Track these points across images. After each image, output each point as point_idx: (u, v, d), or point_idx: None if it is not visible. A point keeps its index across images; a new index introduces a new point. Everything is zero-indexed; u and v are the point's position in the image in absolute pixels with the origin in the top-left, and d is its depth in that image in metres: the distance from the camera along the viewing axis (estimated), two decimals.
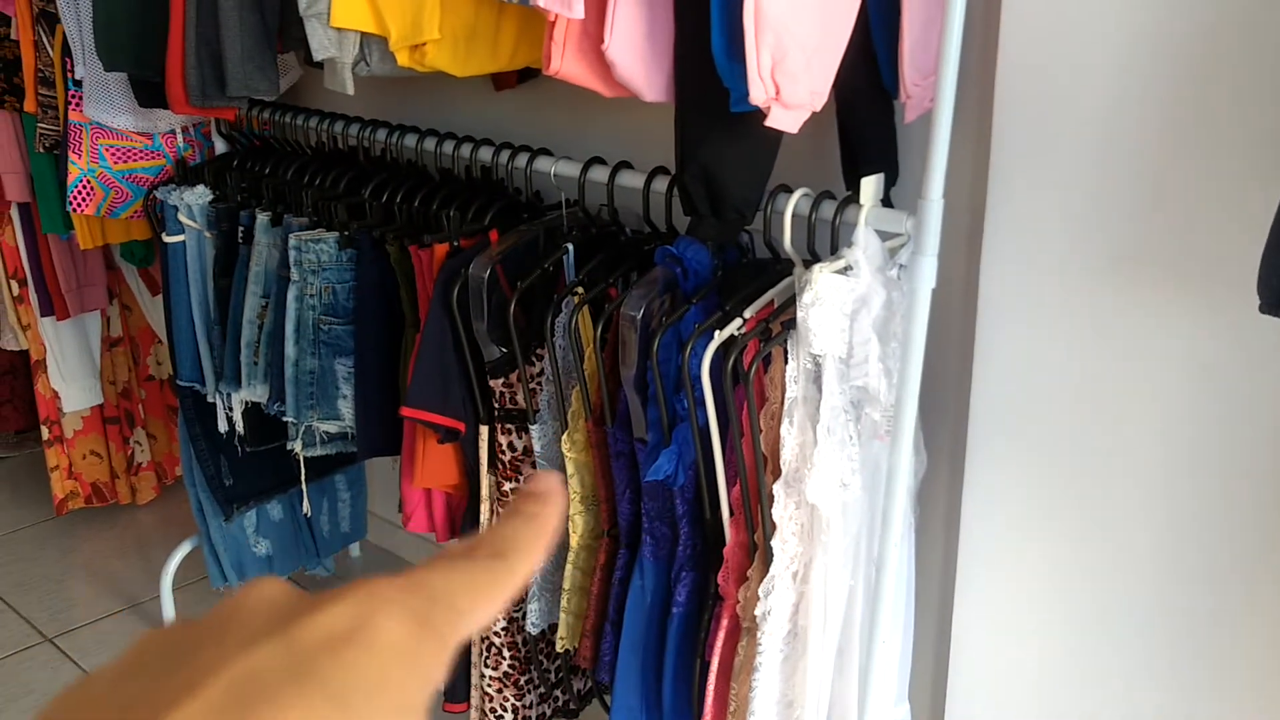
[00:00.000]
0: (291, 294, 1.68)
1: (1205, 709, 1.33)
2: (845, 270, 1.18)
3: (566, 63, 1.25)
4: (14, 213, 2.36)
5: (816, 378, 1.21)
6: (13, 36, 2.10)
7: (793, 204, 1.25)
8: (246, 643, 0.25)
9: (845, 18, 1.16)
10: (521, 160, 1.56)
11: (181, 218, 1.86)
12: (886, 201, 1.30)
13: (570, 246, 1.48)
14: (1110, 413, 1.32)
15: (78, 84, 2.01)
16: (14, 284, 2.46)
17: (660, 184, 1.40)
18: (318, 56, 1.46)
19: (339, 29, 1.44)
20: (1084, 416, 1.34)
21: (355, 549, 2.61)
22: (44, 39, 2.05)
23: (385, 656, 0.25)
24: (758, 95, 1.12)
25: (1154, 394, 1.28)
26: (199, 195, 1.85)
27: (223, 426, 1.95)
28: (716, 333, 1.23)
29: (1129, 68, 1.20)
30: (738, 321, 1.24)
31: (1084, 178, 1.26)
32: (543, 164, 1.54)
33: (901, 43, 1.21)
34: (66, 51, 1.99)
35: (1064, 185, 1.27)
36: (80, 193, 2.05)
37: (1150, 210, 1.23)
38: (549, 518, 0.31)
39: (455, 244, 1.53)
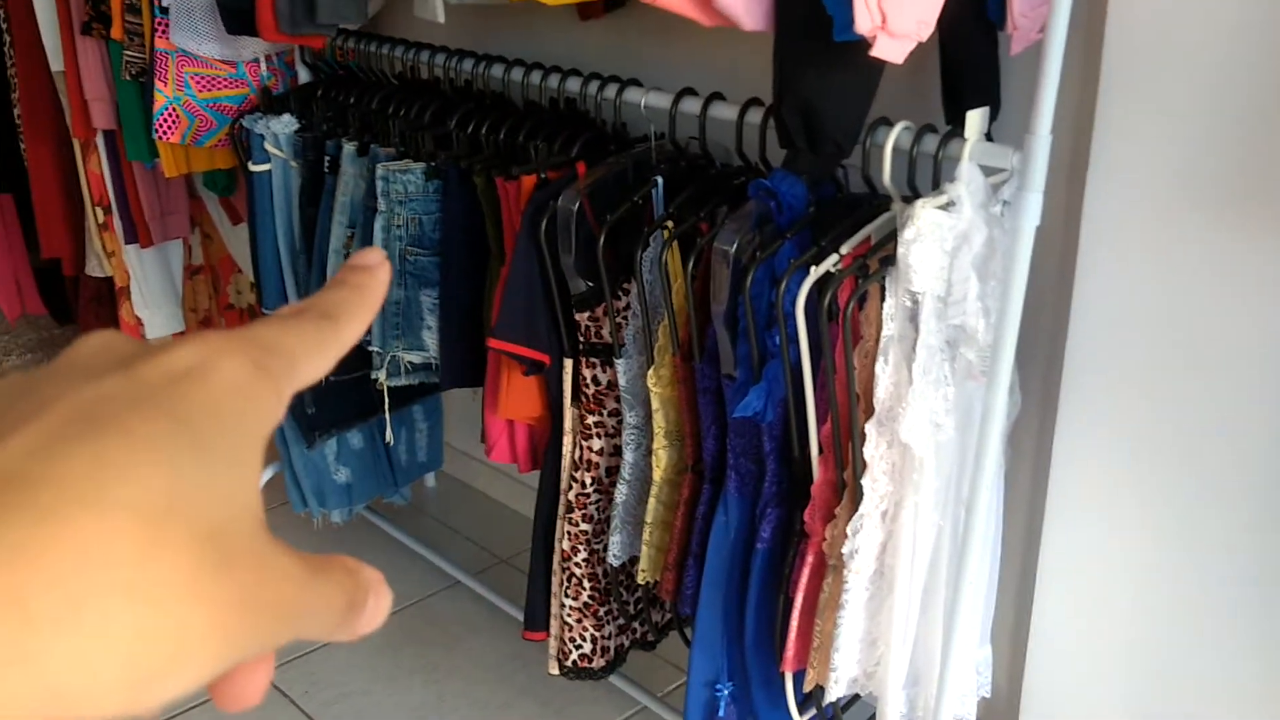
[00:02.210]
0: (378, 224, 1.68)
1: None
2: (947, 206, 1.16)
3: None
4: (100, 140, 2.38)
5: (913, 316, 1.19)
6: None
7: (894, 137, 1.22)
8: (90, 378, 0.25)
9: None
10: (610, 91, 1.54)
11: (268, 147, 1.86)
12: (987, 136, 1.27)
13: (660, 179, 1.46)
14: (1214, 361, 1.28)
15: (164, 11, 2.01)
16: (99, 211, 2.50)
17: (754, 116, 1.37)
18: None
19: None
20: (1186, 363, 1.31)
21: (431, 479, 2.65)
22: None
23: (225, 390, 0.26)
24: (863, 24, 1.09)
25: (1262, 342, 1.24)
26: (285, 124, 1.85)
27: None
28: (812, 268, 1.21)
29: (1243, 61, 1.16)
30: (834, 257, 1.22)
31: (1198, 111, 1.22)
32: (633, 95, 1.52)
33: None
34: None
35: (1177, 118, 1.23)
36: (166, 121, 2.07)
37: (1269, 146, 1.18)
38: (375, 287, 0.32)
39: (542, 176, 1.52)
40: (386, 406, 1.95)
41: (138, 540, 0.22)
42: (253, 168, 1.89)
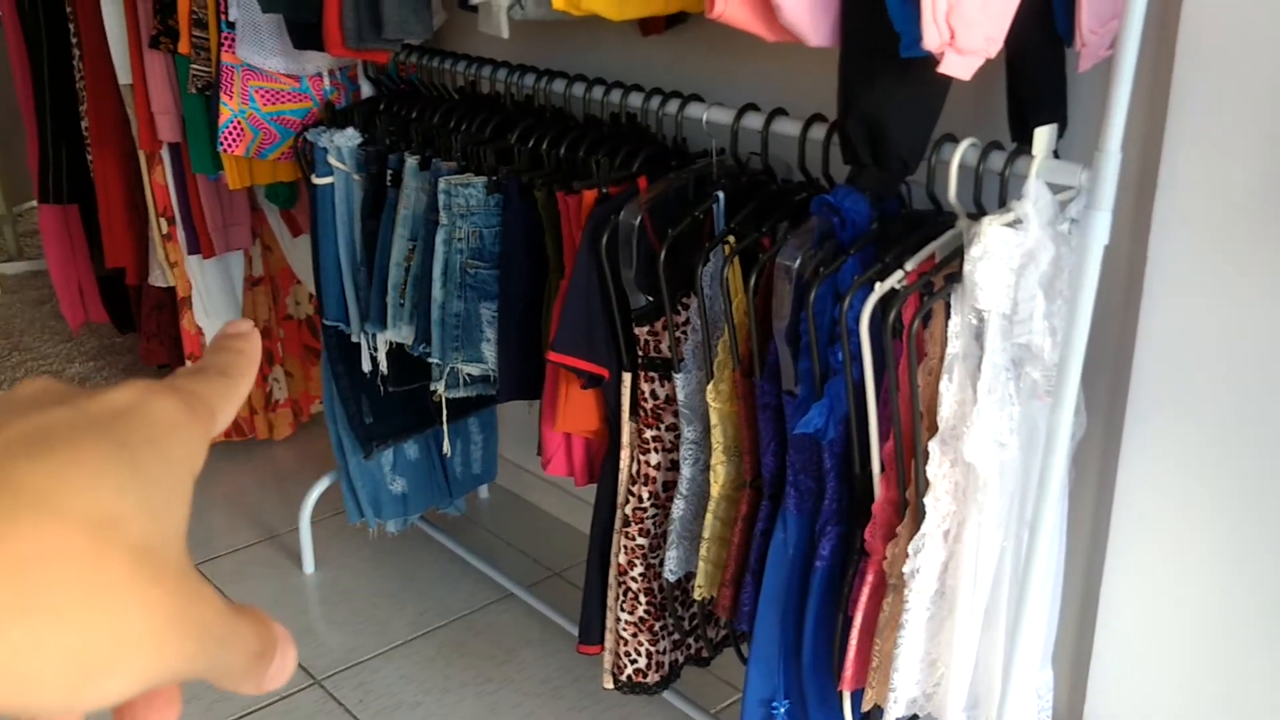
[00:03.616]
0: (439, 237, 1.70)
1: None
2: (1014, 224, 1.14)
3: (731, 6, 1.23)
4: (165, 153, 2.43)
5: (978, 334, 1.18)
6: None
7: (960, 154, 1.22)
8: (37, 409, 0.28)
9: None
10: (672, 107, 1.54)
11: (331, 160, 1.89)
12: (1055, 153, 1.26)
13: (721, 195, 1.46)
14: None
15: (231, 26, 2.05)
16: (163, 222, 2.54)
17: (816, 132, 1.37)
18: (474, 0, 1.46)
19: None
20: (1255, 384, 1.29)
21: (484, 491, 2.66)
22: None
23: (162, 425, 0.29)
24: (931, 40, 1.09)
25: None
26: (349, 138, 1.88)
27: (367, 366, 1.99)
28: (876, 285, 1.21)
29: None
30: (898, 274, 1.21)
31: (1271, 128, 1.20)
32: (694, 110, 1.52)
33: None
34: None
35: (1248, 136, 1.21)
36: (231, 133, 2.10)
37: None
38: (252, 351, 0.36)
39: (604, 191, 1.53)
40: (445, 418, 1.97)
41: (85, 545, 0.25)
42: (316, 181, 1.92)
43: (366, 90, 2.13)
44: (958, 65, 1.10)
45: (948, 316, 1.18)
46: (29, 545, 0.24)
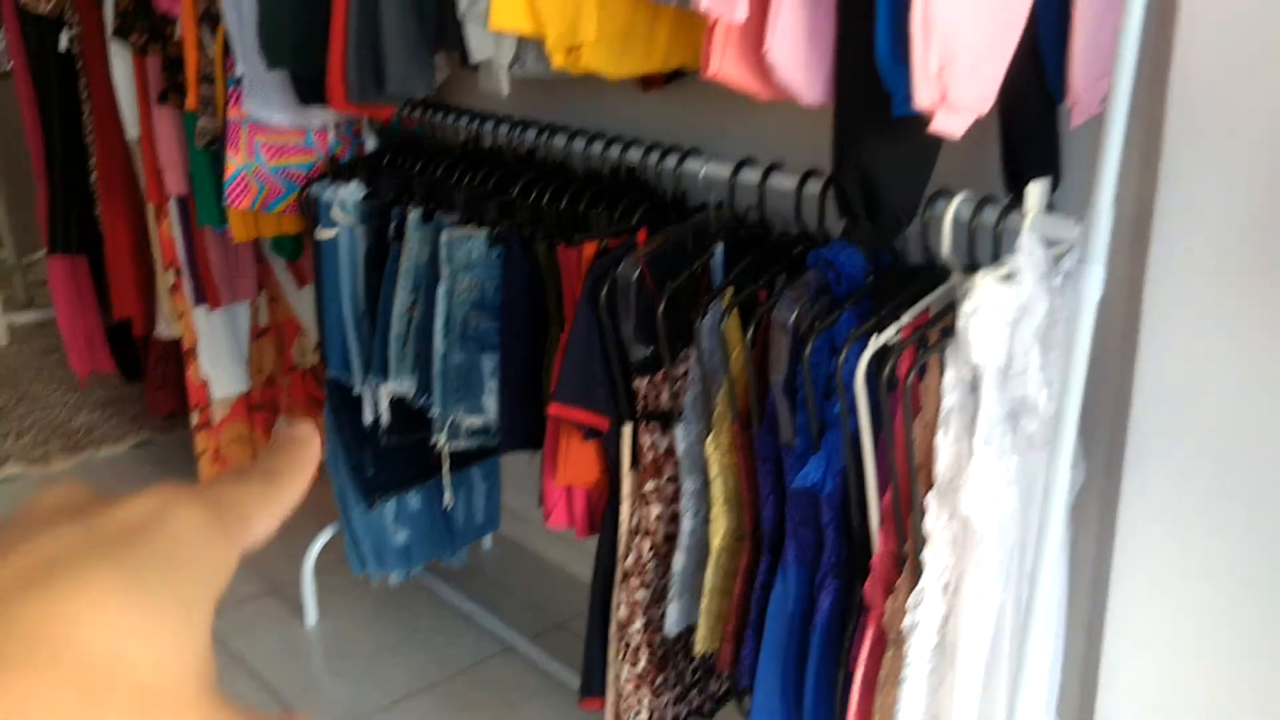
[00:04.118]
0: (441, 290, 1.71)
1: None
2: (1008, 278, 1.15)
3: (726, 65, 1.24)
4: (172, 205, 2.46)
5: (974, 387, 1.19)
6: (177, 37, 2.18)
7: (953, 209, 1.23)
8: (47, 528, 0.27)
9: (1016, 19, 1.14)
10: (670, 162, 1.56)
11: (335, 213, 1.91)
12: (1049, 206, 1.27)
13: (719, 248, 1.47)
14: None
15: (237, 82, 2.07)
16: (170, 273, 2.56)
17: (812, 187, 1.39)
18: (475, 58, 1.49)
19: (497, 31, 1.46)
20: (1253, 436, 1.29)
21: (488, 541, 2.66)
22: (207, 39, 2.13)
23: (179, 540, 0.27)
24: (923, 99, 1.10)
25: None
26: (353, 191, 1.90)
27: (368, 418, 2.00)
28: (872, 339, 1.22)
29: None
30: (893, 328, 1.22)
31: (1263, 183, 1.21)
32: (692, 165, 1.54)
33: (1071, 44, 1.17)
34: (228, 50, 2.07)
35: (1241, 190, 1.22)
36: (236, 187, 2.12)
37: None
38: (309, 455, 0.34)
39: (603, 244, 1.54)
40: (446, 470, 1.97)
41: (77, 701, 0.23)
42: (319, 234, 1.93)
43: (371, 144, 2.15)
44: (949, 123, 1.12)
45: (943, 370, 1.19)
46: (18, 699, 0.23)
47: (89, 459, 3.15)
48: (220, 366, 2.68)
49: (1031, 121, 1.28)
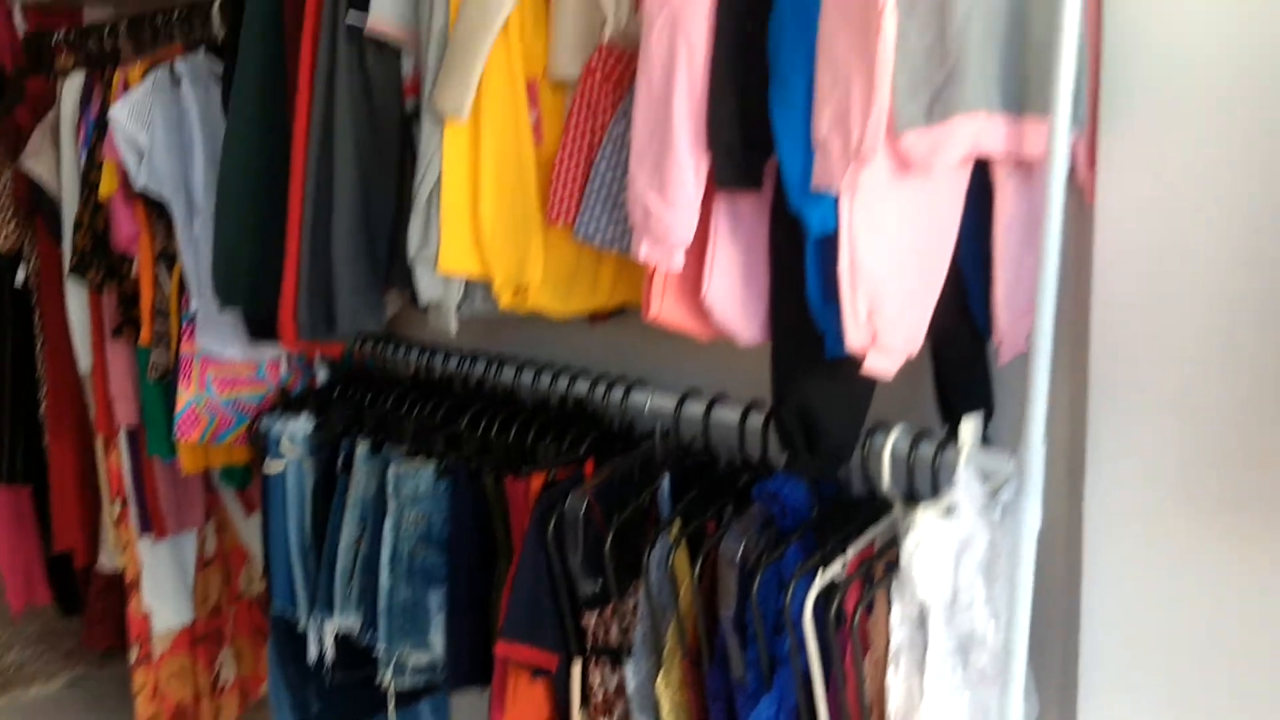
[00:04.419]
0: (388, 523, 1.70)
1: None
2: (947, 512, 1.17)
3: (666, 309, 1.29)
4: (122, 436, 2.45)
5: (921, 622, 1.18)
6: (134, 274, 2.23)
7: (891, 443, 1.25)
8: None
9: (939, 264, 1.19)
10: (617, 394, 1.59)
11: (284, 446, 1.91)
12: (984, 439, 1.30)
13: (666, 480, 1.48)
14: (1231, 655, 1.26)
15: (191, 317, 2.11)
16: (117, 504, 2.53)
17: (756, 419, 1.42)
18: (424, 300, 1.53)
19: (446, 274, 1.51)
20: (1205, 657, 1.28)
21: None
22: (163, 276, 2.17)
23: None
24: (854, 341, 1.14)
25: (1273, 642, 1.23)
26: (302, 424, 1.91)
27: (313, 654, 1.94)
28: (818, 574, 1.22)
29: (1226, 297, 1.20)
30: (839, 563, 1.22)
31: (1183, 413, 1.25)
32: (638, 397, 1.57)
33: (994, 286, 1.23)
34: (183, 287, 2.11)
35: (1168, 415, 1.26)
36: (187, 420, 2.13)
37: (1255, 449, 1.21)
38: None
39: (551, 476, 1.55)
40: (392, 709, 1.91)
41: None
42: (268, 467, 1.93)
43: (322, 375, 2.18)
44: (881, 364, 1.15)
45: (890, 605, 1.19)
46: None
47: (17, 698, 3.03)
48: (163, 598, 2.61)
49: (962, 357, 1.32)
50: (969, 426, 1.21)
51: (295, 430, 1.91)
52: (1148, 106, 1.22)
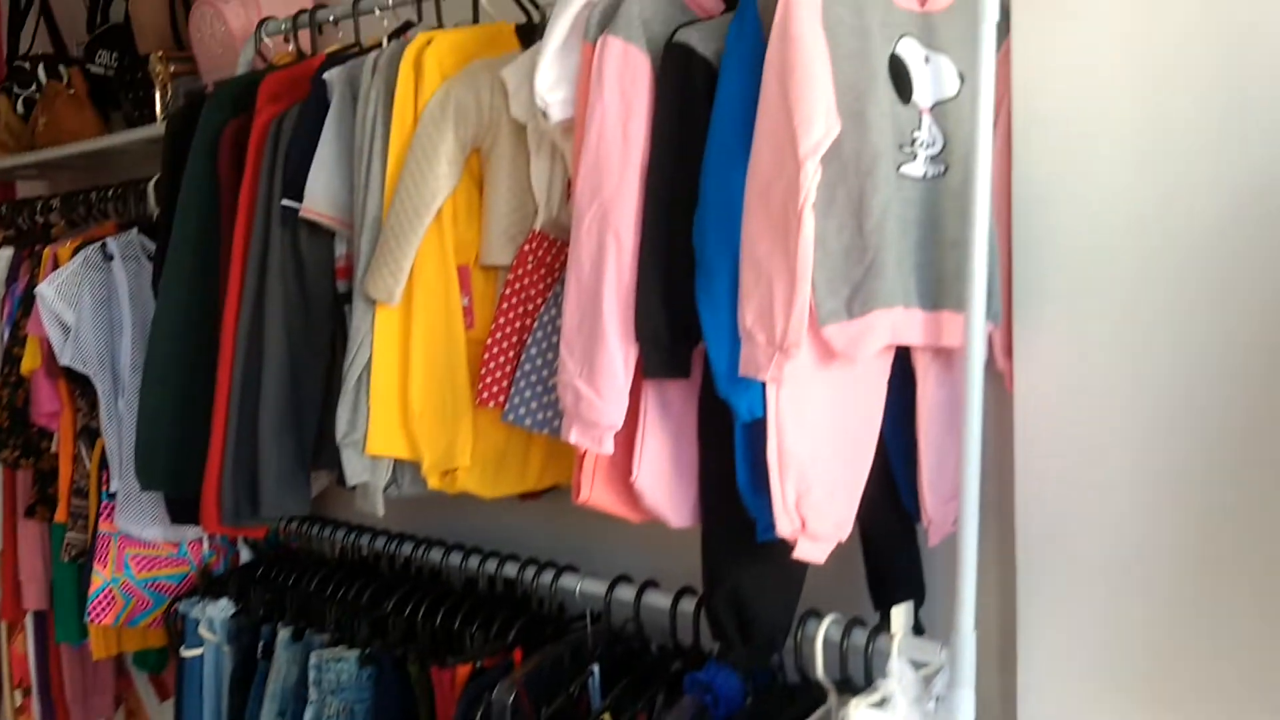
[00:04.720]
0: (309, 714, 1.64)
1: None
2: (881, 703, 1.15)
3: (596, 493, 1.29)
4: (29, 621, 2.35)
5: None
6: (53, 450, 2.18)
7: (823, 631, 1.25)
8: None
9: (865, 450, 1.21)
10: (547, 577, 1.57)
11: (202, 631, 1.85)
12: (917, 625, 1.30)
13: (596, 669, 1.45)
14: None
15: (111, 496, 2.06)
16: (18, 694, 2.41)
17: (687, 604, 1.40)
18: (351, 482, 1.50)
19: (374, 455, 1.49)
20: None
21: None
22: (83, 452, 2.13)
23: None
24: (784, 528, 1.14)
25: None
26: (221, 609, 1.85)
27: None
28: None
29: (1146, 473, 1.22)
30: None
31: (1110, 600, 1.26)
32: (568, 581, 1.55)
33: (920, 471, 1.25)
34: (103, 464, 2.06)
35: (1091, 610, 1.27)
36: (101, 602, 2.05)
37: (1183, 629, 1.21)
38: None
39: (478, 664, 1.51)
40: None
41: None
42: (184, 653, 1.86)
43: (245, 555, 2.12)
44: (811, 550, 1.15)
45: None
46: None
47: None
48: None
49: (892, 541, 1.33)
50: (900, 615, 1.21)
51: (214, 614, 1.85)
52: (1060, 296, 1.26)
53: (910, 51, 1.16)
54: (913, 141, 1.16)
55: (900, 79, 1.15)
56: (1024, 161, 1.25)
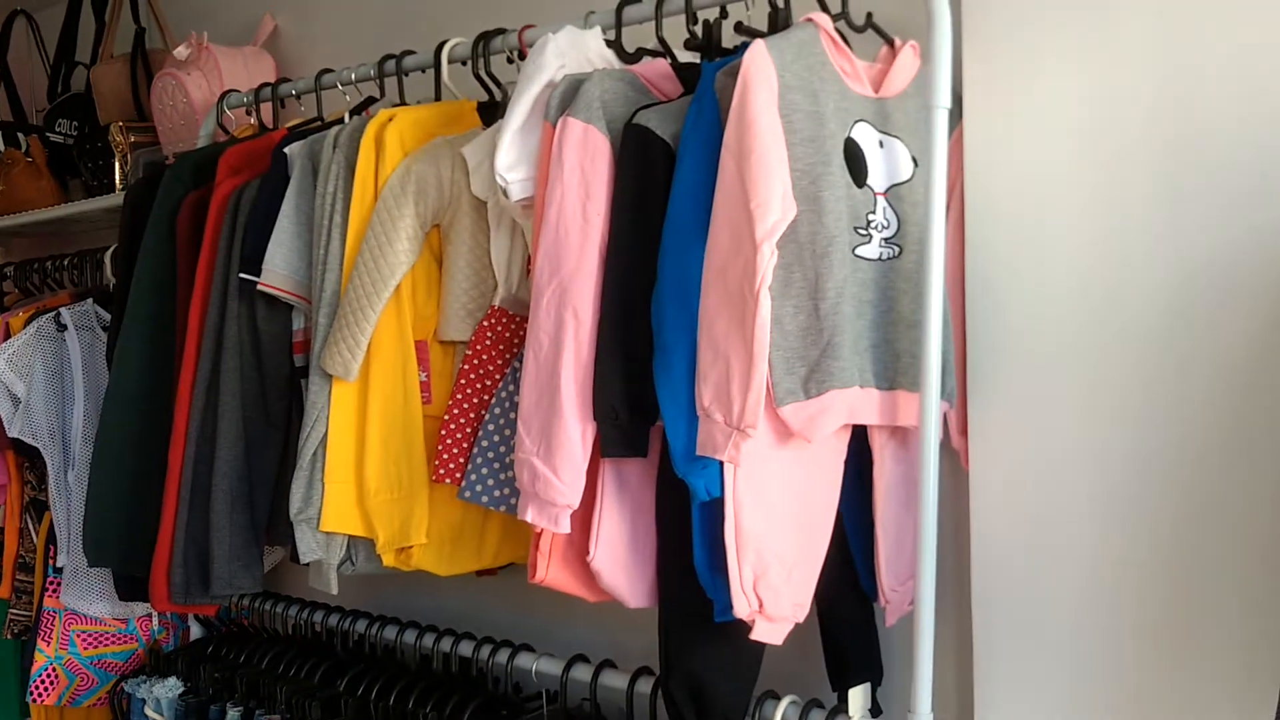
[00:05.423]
0: None
1: None
2: None
3: (552, 573, 1.27)
4: None
5: None
6: None
7: (780, 713, 1.23)
8: None
9: (823, 530, 1.21)
10: (502, 656, 1.55)
11: (148, 712, 1.80)
12: (875, 707, 1.29)
13: None
14: None
15: (58, 571, 2.01)
16: None
17: (644, 685, 1.38)
18: (305, 559, 1.48)
19: (328, 532, 1.47)
20: None
21: None
22: (30, 526, 2.08)
23: None
24: (741, 609, 1.13)
25: None
26: (169, 688, 1.80)
27: None
28: None
29: (1103, 551, 1.22)
30: None
31: (1068, 679, 1.26)
32: (524, 660, 1.53)
33: (877, 550, 1.24)
34: (51, 539, 2.02)
35: (1049, 689, 1.26)
36: (43, 682, 2.00)
37: (1144, 708, 1.21)
38: None
39: None
40: None
41: None
42: None
43: (196, 631, 2.07)
44: (768, 631, 1.15)
45: None
46: None
47: None
48: None
49: (849, 620, 1.32)
50: (857, 697, 1.20)
51: (161, 694, 1.80)
52: (1013, 375, 1.27)
53: (865, 136, 1.19)
54: (868, 224, 1.17)
55: (855, 163, 1.17)
56: (976, 243, 1.27)
